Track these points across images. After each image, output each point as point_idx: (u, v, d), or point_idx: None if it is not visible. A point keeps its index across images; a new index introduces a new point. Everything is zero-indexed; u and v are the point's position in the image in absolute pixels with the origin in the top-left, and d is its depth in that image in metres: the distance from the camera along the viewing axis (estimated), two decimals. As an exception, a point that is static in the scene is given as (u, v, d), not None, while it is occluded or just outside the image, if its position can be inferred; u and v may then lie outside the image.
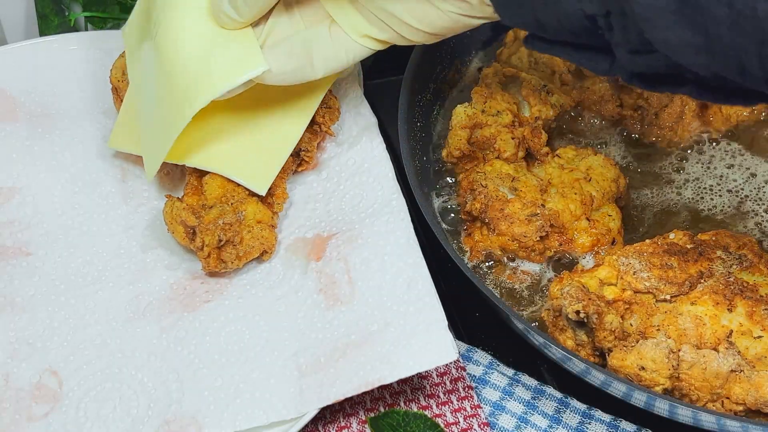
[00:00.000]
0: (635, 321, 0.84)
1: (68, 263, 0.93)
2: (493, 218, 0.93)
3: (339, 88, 1.04)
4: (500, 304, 0.84)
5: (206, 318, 0.88)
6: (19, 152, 0.99)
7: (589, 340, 0.85)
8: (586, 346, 0.86)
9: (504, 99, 1.01)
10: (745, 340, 0.82)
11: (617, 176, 0.98)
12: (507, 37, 1.10)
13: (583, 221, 0.95)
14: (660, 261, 0.87)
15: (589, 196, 0.95)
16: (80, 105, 1.04)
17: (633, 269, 0.86)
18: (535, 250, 0.93)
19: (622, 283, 0.86)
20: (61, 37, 1.07)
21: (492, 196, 0.93)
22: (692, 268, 0.86)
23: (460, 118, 1.00)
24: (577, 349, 0.86)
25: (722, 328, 0.83)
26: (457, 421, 0.87)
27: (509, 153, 0.97)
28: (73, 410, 0.83)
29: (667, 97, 1.05)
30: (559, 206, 0.94)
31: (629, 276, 0.86)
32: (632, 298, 0.85)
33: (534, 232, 0.92)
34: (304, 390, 0.83)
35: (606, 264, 0.88)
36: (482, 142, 0.98)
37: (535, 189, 0.95)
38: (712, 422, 0.80)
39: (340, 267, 0.89)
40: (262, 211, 0.92)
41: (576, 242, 0.95)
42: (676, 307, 0.84)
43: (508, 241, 0.93)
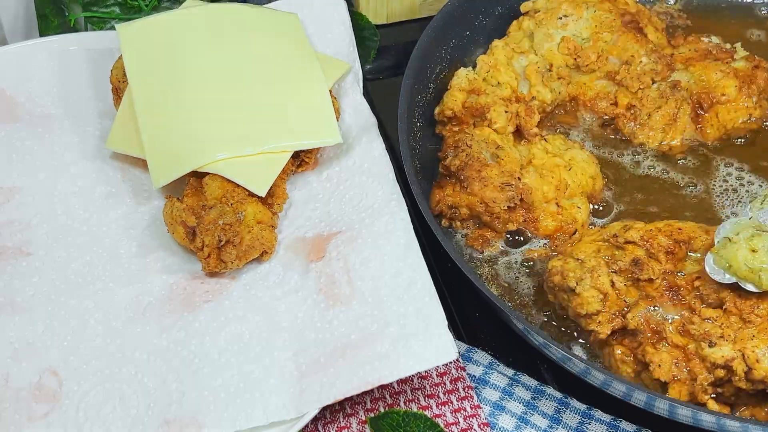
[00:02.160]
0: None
1: (68, 263, 0.92)
2: (468, 177, 0.95)
3: (339, 88, 1.05)
4: (500, 304, 0.84)
5: (206, 318, 0.88)
6: (19, 152, 0.99)
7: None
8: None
9: (507, 72, 1.03)
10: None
11: (596, 175, 1.00)
12: (511, 28, 1.11)
13: (552, 205, 0.97)
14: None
15: (565, 184, 0.98)
16: (80, 105, 1.04)
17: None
18: (500, 218, 0.95)
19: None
20: (61, 37, 1.07)
21: (474, 156, 0.95)
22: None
23: (461, 80, 1.02)
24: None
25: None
26: (457, 421, 0.87)
27: (499, 125, 1.00)
28: (73, 410, 0.83)
29: (661, 98, 1.05)
30: (534, 184, 0.96)
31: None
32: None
33: (503, 201, 0.94)
34: (304, 390, 0.83)
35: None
36: (476, 109, 1.00)
37: (515, 162, 0.97)
38: (712, 422, 0.80)
39: (340, 267, 0.89)
40: (262, 212, 0.92)
41: (540, 223, 0.96)
42: None
43: (477, 202, 0.95)
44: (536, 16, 1.08)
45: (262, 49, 1.01)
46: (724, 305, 0.84)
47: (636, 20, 1.09)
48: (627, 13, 1.09)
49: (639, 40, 1.07)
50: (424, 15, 1.24)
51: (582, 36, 1.07)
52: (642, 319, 0.85)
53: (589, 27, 1.08)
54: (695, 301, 0.85)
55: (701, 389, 0.83)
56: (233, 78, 0.98)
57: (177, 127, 0.95)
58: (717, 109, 1.05)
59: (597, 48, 1.07)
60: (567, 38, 1.06)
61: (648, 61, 1.06)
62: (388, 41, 1.21)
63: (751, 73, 1.07)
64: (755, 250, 0.82)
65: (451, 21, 1.09)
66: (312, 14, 1.09)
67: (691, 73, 1.07)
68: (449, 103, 1.02)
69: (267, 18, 1.04)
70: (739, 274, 0.83)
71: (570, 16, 1.08)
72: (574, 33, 1.07)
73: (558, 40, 1.07)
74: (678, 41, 1.13)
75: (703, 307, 0.85)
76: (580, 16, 1.07)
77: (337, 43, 1.08)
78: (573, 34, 1.07)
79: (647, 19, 1.11)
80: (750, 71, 1.07)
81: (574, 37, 1.07)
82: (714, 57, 1.09)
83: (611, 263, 0.88)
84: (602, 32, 1.07)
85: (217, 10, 1.02)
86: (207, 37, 1.00)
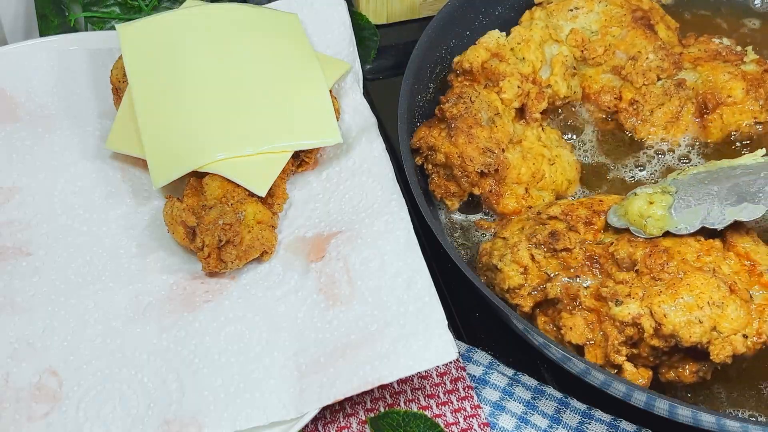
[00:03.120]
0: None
1: (68, 263, 0.92)
2: (457, 128, 0.96)
3: (339, 88, 1.05)
4: (500, 304, 0.84)
5: (206, 318, 0.88)
6: (19, 152, 0.99)
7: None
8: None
9: (535, 52, 1.04)
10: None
11: (573, 180, 1.02)
12: (523, 18, 1.11)
13: (521, 188, 0.98)
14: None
15: (541, 174, 0.99)
16: (80, 105, 1.04)
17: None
18: (469, 177, 0.96)
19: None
20: (61, 37, 1.07)
21: (471, 112, 0.96)
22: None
23: (490, 40, 1.04)
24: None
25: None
26: (457, 421, 0.87)
27: (507, 96, 1.01)
28: (73, 410, 0.83)
29: (665, 95, 1.05)
30: (513, 162, 0.98)
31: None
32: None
33: (480, 164, 0.95)
34: (304, 390, 0.83)
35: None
36: (492, 73, 1.01)
37: (506, 134, 0.98)
38: (712, 422, 0.80)
39: (340, 267, 0.89)
40: (262, 212, 0.92)
41: (502, 198, 0.98)
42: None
43: (456, 154, 0.96)
44: (548, 7, 1.09)
45: (262, 49, 1.01)
46: (636, 267, 0.85)
47: (647, 17, 1.09)
48: (639, 9, 1.10)
49: (648, 36, 1.08)
50: (424, 15, 1.24)
51: (591, 29, 1.08)
52: (561, 288, 0.87)
53: (598, 20, 1.08)
54: (612, 267, 0.87)
55: (613, 349, 0.84)
56: (233, 78, 0.98)
57: (177, 127, 0.95)
58: (722, 111, 1.05)
59: (605, 42, 1.07)
60: (575, 30, 1.07)
61: (655, 57, 1.07)
62: (388, 41, 1.21)
63: (759, 77, 1.07)
64: (652, 202, 0.88)
65: (451, 21, 1.09)
66: (312, 14, 1.09)
67: (698, 72, 1.07)
68: (471, 57, 1.02)
69: (267, 18, 1.04)
70: (630, 219, 0.88)
71: (581, 9, 1.09)
72: (584, 25, 1.08)
73: (567, 31, 1.08)
74: (689, 41, 1.13)
75: (617, 271, 0.86)
76: (591, 9, 1.08)
77: (337, 43, 1.08)
78: (582, 27, 1.08)
79: (659, 16, 1.12)
80: (759, 75, 1.07)
81: (583, 30, 1.08)
82: (723, 58, 1.09)
83: (531, 238, 0.90)
84: (611, 26, 1.08)
85: (217, 10, 1.02)
86: (207, 37, 1.00)
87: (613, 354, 0.84)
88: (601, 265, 0.88)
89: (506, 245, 0.91)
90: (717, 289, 0.83)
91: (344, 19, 1.09)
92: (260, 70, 0.99)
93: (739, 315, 0.82)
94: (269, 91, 0.98)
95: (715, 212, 0.87)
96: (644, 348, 0.84)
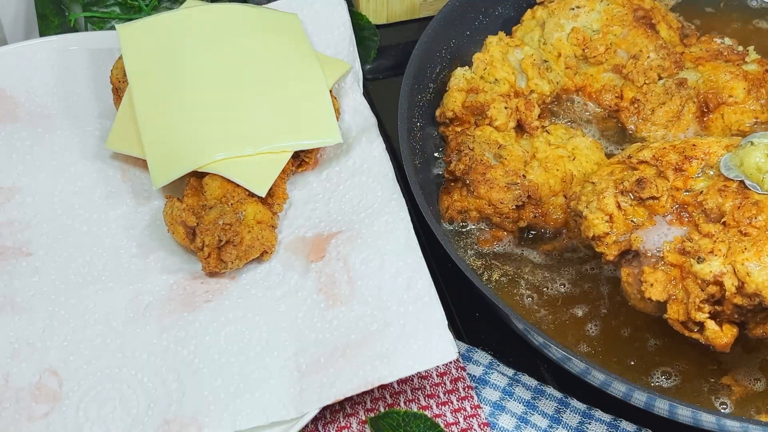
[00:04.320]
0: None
1: (68, 263, 0.92)
2: (474, 181, 0.95)
3: (339, 88, 1.05)
4: (500, 304, 0.84)
5: (206, 318, 0.88)
6: (19, 152, 0.99)
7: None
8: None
9: (503, 68, 1.03)
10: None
11: (601, 160, 1.00)
12: (525, 16, 1.11)
13: (560, 197, 0.97)
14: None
15: (570, 175, 0.98)
16: (80, 105, 1.04)
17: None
18: (510, 217, 0.96)
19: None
20: (61, 37, 1.07)
21: (477, 159, 0.96)
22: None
23: (459, 80, 1.03)
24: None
25: None
26: (457, 421, 0.87)
27: (500, 122, 1.00)
28: (73, 410, 0.83)
29: (666, 94, 1.05)
30: (539, 179, 0.97)
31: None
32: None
33: (511, 200, 0.94)
34: (304, 390, 0.83)
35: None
36: (476, 108, 1.01)
37: (519, 159, 0.97)
38: (712, 422, 0.80)
39: (340, 267, 0.89)
40: (262, 212, 0.92)
41: (549, 217, 0.97)
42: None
43: (485, 205, 0.95)
44: (550, 6, 1.10)
45: (262, 49, 1.01)
46: (724, 218, 0.81)
47: (649, 16, 1.09)
48: (641, 8, 1.10)
49: (649, 35, 1.08)
50: (424, 15, 1.24)
51: (592, 27, 1.08)
52: (647, 238, 0.84)
53: (600, 19, 1.08)
54: (700, 218, 0.83)
55: (694, 307, 0.80)
56: (233, 78, 0.98)
57: (177, 127, 0.95)
58: (723, 110, 1.05)
59: (606, 40, 1.07)
60: (577, 29, 1.08)
61: (656, 56, 1.07)
62: (388, 41, 1.21)
63: (761, 77, 1.07)
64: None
65: (451, 21, 1.09)
66: (312, 14, 1.09)
67: (700, 72, 1.07)
68: (449, 105, 1.03)
69: (267, 18, 1.04)
70: (747, 172, 0.83)
71: (582, 8, 1.09)
72: (585, 24, 1.08)
73: (568, 30, 1.08)
74: (690, 40, 1.13)
75: (705, 223, 0.82)
76: (592, 8, 1.08)
77: (337, 43, 1.08)
78: (583, 25, 1.08)
79: (661, 16, 1.12)
80: (761, 75, 1.07)
81: (584, 29, 1.08)
82: (725, 58, 1.09)
83: (619, 185, 0.87)
84: (613, 25, 1.08)
85: (217, 10, 1.02)
86: (207, 37, 1.00)
87: (694, 311, 0.81)
88: (690, 215, 0.83)
89: (594, 191, 0.87)
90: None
91: (344, 19, 1.09)
92: (260, 70, 0.99)
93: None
94: (269, 91, 0.98)
95: None
96: (728, 306, 0.81)
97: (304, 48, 1.02)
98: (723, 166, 0.85)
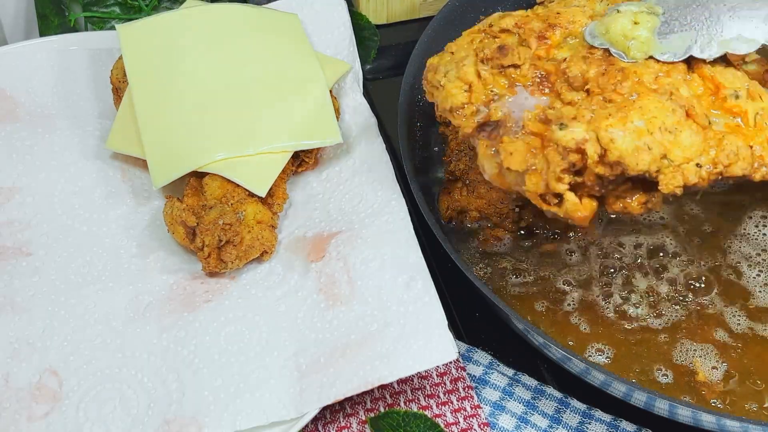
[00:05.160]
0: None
1: (68, 263, 0.92)
2: (473, 180, 0.95)
3: (339, 88, 1.05)
4: (500, 304, 0.84)
5: (206, 318, 0.88)
6: (19, 152, 0.99)
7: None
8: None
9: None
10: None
11: None
12: None
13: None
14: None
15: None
16: (80, 105, 1.04)
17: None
18: (510, 217, 0.95)
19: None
20: (61, 37, 1.07)
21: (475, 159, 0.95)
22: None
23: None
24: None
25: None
26: (457, 421, 0.87)
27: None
28: (73, 410, 0.83)
29: None
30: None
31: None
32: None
33: (511, 200, 0.94)
34: (304, 390, 0.83)
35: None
36: None
37: None
38: (712, 422, 0.80)
39: (340, 267, 0.89)
40: (262, 212, 0.92)
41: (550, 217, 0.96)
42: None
43: (485, 204, 0.95)
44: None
45: (262, 49, 1.01)
46: (587, 86, 0.78)
47: None
48: None
49: None
50: (424, 15, 1.24)
51: None
52: (507, 108, 0.79)
53: None
54: (562, 86, 0.79)
55: (554, 177, 0.76)
56: (233, 78, 0.98)
57: (177, 127, 0.95)
58: None
59: None
60: None
61: None
62: (388, 41, 1.21)
63: (761, 77, 1.06)
64: (637, 22, 0.81)
65: (451, 21, 1.09)
66: (312, 14, 1.09)
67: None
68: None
69: (267, 18, 1.04)
70: (612, 39, 0.80)
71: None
72: None
73: None
74: None
75: (568, 91, 0.79)
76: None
77: (337, 43, 1.08)
78: None
79: None
80: (761, 75, 1.07)
81: None
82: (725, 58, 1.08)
83: (479, 53, 0.82)
84: None
85: (217, 10, 1.02)
86: (207, 37, 1.00)
87: (553, 182, 0.76)
88: (552, 84, 0.80)
89: (453, 60, 0.83)
90: (672, 113, 0.75)
91: (344, 19, 1.09)
92: (260, 70, 0.99)
93: (693, 142, 0.75)
94: (269, 92, 0.98)
95: (702, 40, 0.80)
96: (589, 176, 0.77)
97: (304, 48, 1.02)
98: (588, 34, 0.82)
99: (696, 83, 0.79)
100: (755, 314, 0.91)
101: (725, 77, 0.80)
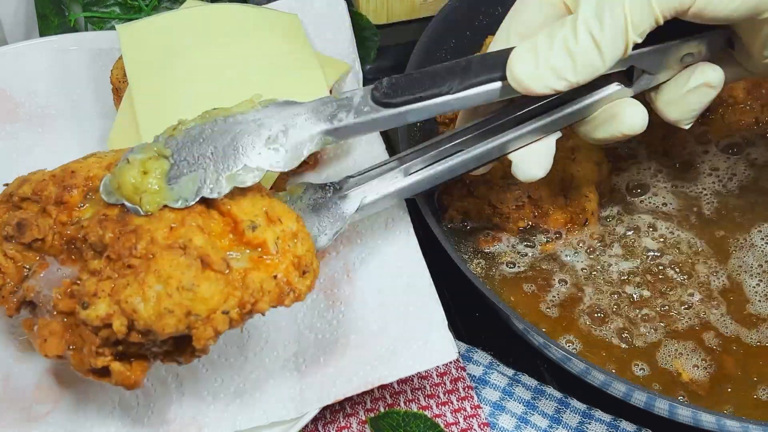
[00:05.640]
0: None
1: (68, 263, 0.92)
2: (473, 181, 0.95)
3: (339, 88, 1.05)
4: (500, 304, 0.84)
5: (206, 318, 0.88)
6: (19, 152, 0.99)
7: None
8: None
9: None
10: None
11: (601, 160, 1.00)
12: None
13: (560, 198, 0.97)
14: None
15: (570, 175, 0.98)
16: (80, 105, 1.04)
17: None
18: (510, 218, 0.96)
19: None
20: (61, 37, 1.07)
21: None
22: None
23: None
24: None
25: None
26: (457, 422, 0.87)
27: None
28: (73, 410, 0.83)
29: None
30: (539, 180, 0.95)
31: None
32: None
33: (511, 201, 0.95)
34: (304, 390, 0.83)
35: None
36: None
37: None
38: (712, 422, 0.80)
39: (340, 267, 0.89)
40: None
41: (550, 217, 0.97)
42: None
43: (485, 205, 0.95)
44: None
45: (262, 49, 1.01)
46: (108, 251, 0.73)
47: None
48: None
49: None
50: (424, 15, 1.24)
51: None
52: (40, 285, 0.75)
53: None
54: (88, 253, 0.75)
55: (92, 355, 0.72)
56: (233, 78, 0.98)
57: (177, 127, 0.95)
58: (723, 110, 1.05)
59: None
60: None
61: None
62: (388, 41, 1.21)
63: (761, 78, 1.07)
64: (147, 171, 0.74)
65: (451, 21, 1.09)
66: (312, 14, 1.09)
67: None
68: None
69: (267, 18, 1.04)
70: (125, 194, 0.74)
71: None
72: None
73: None
74: None
75: (92, 258, 0.74)
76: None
77: (337, 43, 1.08)
78: None
79: None
80: None
81: None
82: None
83: (2, 229, 0.77)
84: None
85: (217, 10, 1.02)
86: (207, 37, 1.00)
87: (92, 359, 0.73)
88: (80, 251, 0.75)
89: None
90: (188, 269, 0.71)
91: (344, 19, 1.09)
92: (260, 71, 0.99)
93: (213, 292, 0.71)
94: (269, 92, 0.98)
95: (210, 178, 0.75)
96: (127, 345, 0.73)
97: (304, 48, 1.02)
98: (103, 191, 0.76)
99: (216, 221, 0.75)
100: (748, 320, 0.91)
101: (241, 208, 0.76)
